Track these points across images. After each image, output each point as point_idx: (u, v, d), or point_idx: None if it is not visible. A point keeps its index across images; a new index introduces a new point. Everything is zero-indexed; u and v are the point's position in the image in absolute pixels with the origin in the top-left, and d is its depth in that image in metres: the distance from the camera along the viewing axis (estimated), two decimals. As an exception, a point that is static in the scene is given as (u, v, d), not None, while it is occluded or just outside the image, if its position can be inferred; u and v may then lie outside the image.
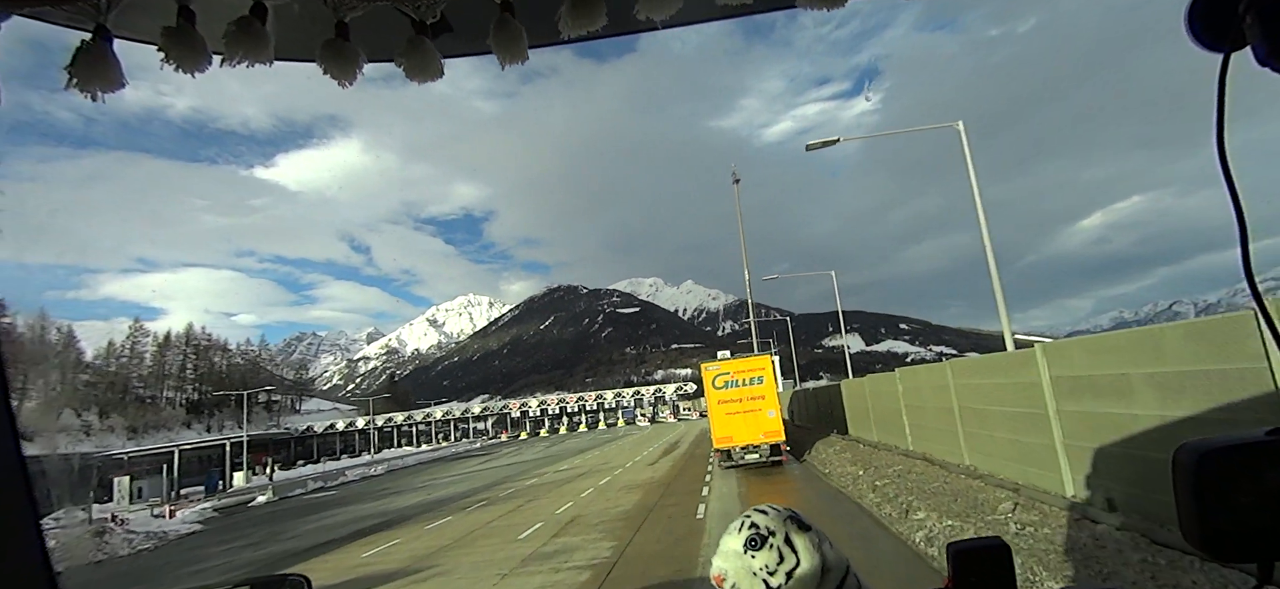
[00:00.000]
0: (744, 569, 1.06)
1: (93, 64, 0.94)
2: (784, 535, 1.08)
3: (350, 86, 1.08)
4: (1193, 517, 0.79)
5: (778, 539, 1.07)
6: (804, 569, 1.05)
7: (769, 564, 1.05)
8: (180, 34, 0.96)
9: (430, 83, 1.11)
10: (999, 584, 1.17)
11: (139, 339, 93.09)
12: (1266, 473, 0.76)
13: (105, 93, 0.96)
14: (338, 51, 1.05)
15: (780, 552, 1.06)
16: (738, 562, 1.07)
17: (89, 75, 0.93)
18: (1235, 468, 0.78)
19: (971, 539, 1.23)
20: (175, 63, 0.97)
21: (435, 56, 1.08)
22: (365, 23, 1.08)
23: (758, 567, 1.05)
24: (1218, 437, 0.80)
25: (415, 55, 1.07)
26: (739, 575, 1.06)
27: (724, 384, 18.30)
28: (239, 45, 0.97)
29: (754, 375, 18.19)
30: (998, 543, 1.19)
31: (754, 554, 1.06)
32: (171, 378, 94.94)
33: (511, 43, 1.06)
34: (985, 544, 1.19)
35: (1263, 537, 0.76)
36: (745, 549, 1.07)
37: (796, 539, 1.07)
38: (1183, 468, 0.80)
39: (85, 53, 0.93)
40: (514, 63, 1.08)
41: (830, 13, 1.12)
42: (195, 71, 0.99)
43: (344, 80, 1.06)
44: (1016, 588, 1.18)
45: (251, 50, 0.98)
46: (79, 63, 0.93)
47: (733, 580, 1.06)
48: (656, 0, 1.01)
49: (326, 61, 1.05)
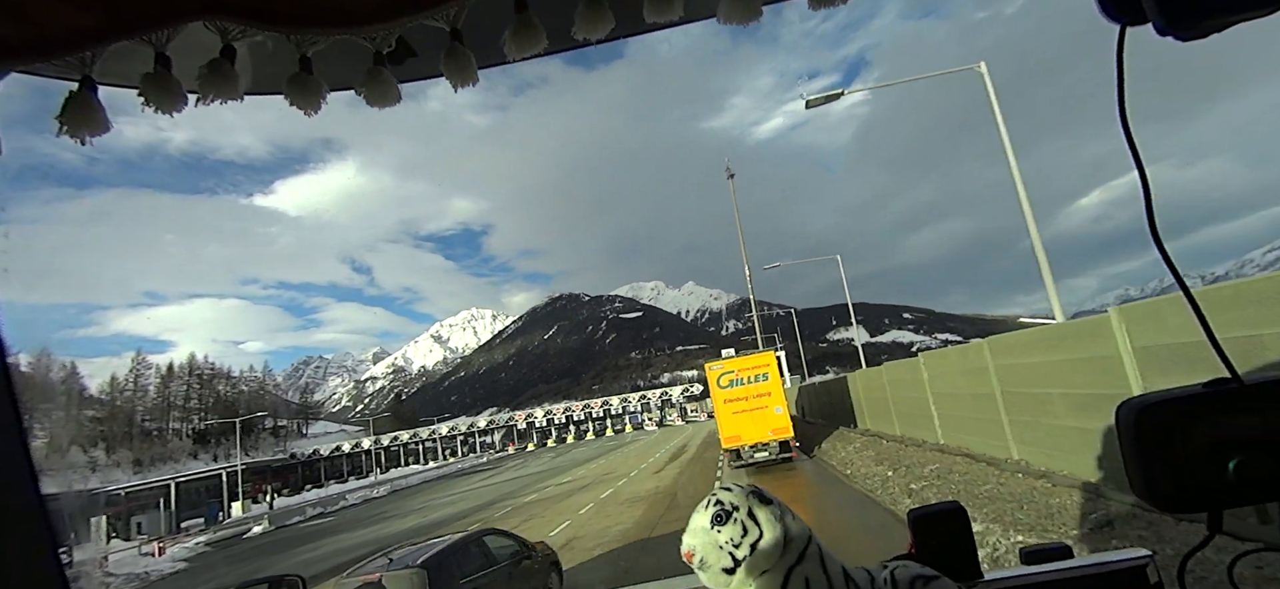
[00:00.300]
0: (711, 543, 1.10)
1: (80, 111, 1.00)
2: (747, 509, 1.11)
3: (314, 115, 1.13)
4: (1138, 472, 0.82)
5: (741, 514, 1.11)
6: (767, 540, 1.09)
7: (733, 537, 1.09)
8: (158, 79, 1.02)
9: (392, 107, 1.16)
10: (958, 544, 1.29)
11: (142, 372, 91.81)
12: (1204, 424, 0.78)
13: (93, 137, 1.01)
14: (302, 84, 1.10)
15: (744, 525, 1.10)
16: (705, 537, 1.11)
17: (78, 122, 0.99)
18: (1174, 421, 0.80)
19: (930, 506, 1.35)
20: (155, 106, 1.03)
21: (393, 84, 1.13)
22: (327, 55, 1.13)
23: (723, 541, 1.09)
24: (1157, 391, 0.83)
25: (375, 84, 1.11)
26: (706, 550, 1.10)
27: (729, 383, 17.97)
28: (211, 85, 1.04)
29: (759, 373, 17.84)
30: (954, 506, 1.32)
31: (719, 529, 1.10)
32: (177, 409, 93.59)
33: (462, 67, 1.11)
34: (943, 509, 1.32)
35: (1206, 488, 0.78)
36: (712, 525, 1.11)
37: (759, 513, 1.11)
38: (1125, 423, 0.83)
39: (73, 101, 1.00)
40: (465, 85, 1.13)
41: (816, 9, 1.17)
42: (173, 112, 1.05)
43: (309, 110, 1.12)
44: (975, 548, 1.30)
45: (222, 89, 1.05)
46: (68, 112, 0.99)
47: (701, 555, 1.10)
48: (592, 22, 1.07)
49: (293, 94, 1.10)
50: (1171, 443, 0.79)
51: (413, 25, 1.08)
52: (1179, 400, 0.81)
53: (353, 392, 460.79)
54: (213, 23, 1.02)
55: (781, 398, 17.71)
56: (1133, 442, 0.81)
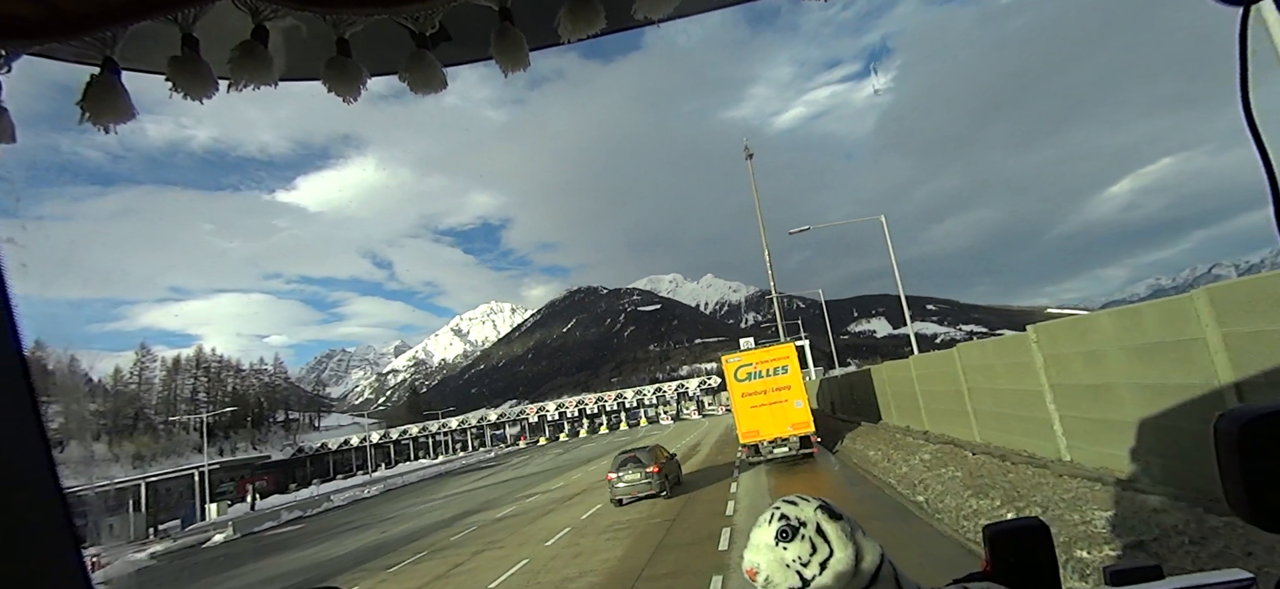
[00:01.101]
0: (777, 561, 1.01)
1: (103, 97, 0.94)
2: (815, 525, 1.02)
3: (355, 102, 1.08)
4: (1238, 486, 0.76)
5: (809, 530, 1.02)
6: (838, 559, 0.99)
7: (802, 555, 1.00)
8: (186, 63, 0.97)
9: (435, 94, 1.11)
10: (1038, 565, 1.14)
11: (147, 364, 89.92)
12: None
13: (117, 124, 0.96)
14: (341, 68, 1.04)
15: (813, 542, 1.01)
16: (770, 555, 1.02)
17: (100, 108, 0.94)
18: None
19: (1009, 520, 1.20)
20: (183, 91, 0.97)
21: (437, 68, 1.08)
22: (366, 37, 1.07)
23: (790, 558, 1.00)
24: (1261, 403, 0.76)
25: (418, 68, 1.06)
26: (772, 568, 1.01)
27: (747, 376, 17.18)
28: (243, 69, 0.98)
29: (778, 365, 17.07)
30: (1037, 523, 1.17)
31: (786, 546, 1.01)
32: (184, 402, 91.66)
33: (512, 49, 1.05)
34: (1023, 525, 1.17)
35: None
36: (777, 541, 1.02)
37: (828, 528, 1.02)
38: (1225, 436, 0.77)
39: (95, 86, 0.94)
40: (516, 69, 1.07)
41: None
42: (203, 98, 0.99)
43: (348, 96, 1.06)
44: (1057, 567, 1.16)
45: (255, 73, 0.99)
46: (90, 97, 0.93)
47: (766, 573, 1.01)
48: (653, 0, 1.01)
49: (330, 79, 1.04)
50: (1277, 458, 0.72)
51: (458, 4, 1.01)
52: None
53: (375, 384, 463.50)
54: (243, 1, 0.96)
55: (802, 391, 16.80)
56: (1234, 455, 0.74)
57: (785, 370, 17.03)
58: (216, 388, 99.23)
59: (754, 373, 17.24)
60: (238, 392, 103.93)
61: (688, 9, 1.10)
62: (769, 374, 17.07)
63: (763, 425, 16.74)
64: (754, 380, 17.11)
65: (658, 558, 9.44)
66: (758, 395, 16.97)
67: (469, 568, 11.63)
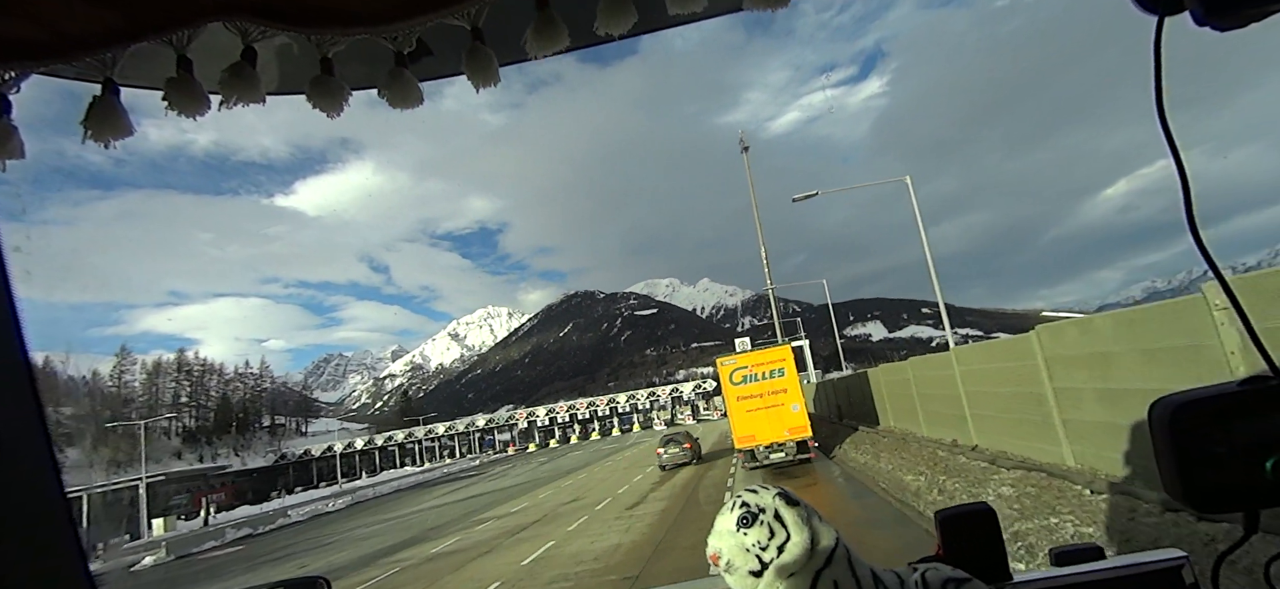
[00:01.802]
0: (737, 546, 1.05)
1: (104, 116, 0.99)
2: (774, 511, 1.07)
3: (338, 117, 1.11)
4: (1172, 471, 0.79)
5: (768, 515, 1.07)
6: (794, 542, 1.04)
7: (761, 540, 1.05)
8: (181, 83, 1.01)
9: (413, 108, 1.14)
10: (987, 547, 1.23)
11: (126, 368, 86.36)
12: (1241, 423, 0.76)
13: (116, 140, 1.00)
14: (324, 86, 1.08)
15: (771, 527, 1.06)
16: (731, 540, 1.07)
17: (101, 126, 0.98)
18: (1211, 419, 0.77)
19: (958, 506, 1.29)
20: (178, 109, 1.01)
21: (414, 85, 1.11)
22: (348, 55, 1.11)
23: (750, 543, 1.05)
24: (1193, 389, 0.80)
25: (396, 84, 1.09)
26: (733, 553, 1.05)
27: (743, 379, 16.73)
28: (233, 88, 1.03)
29: (774, 368, 16.64)
30: (984, 508, 1.25)
31: (746, 531, 1.06)
32: (166, 407, 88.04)
33: (483, 66, 1.08)
34: (971, 509, 1.25)
35: (1243, 487, 0.76)
36: (738, 527, 1.07)
37: (786, 514, 1.07)
38: (1159, 422, 0.80)
39: (97, 106, 0.99)
40: (486, 85, 1.10)
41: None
42: (196, 115, 1.03)
43: (331, 112, 1.10)
44: (1004, 549, 1.24)
45: (244, 92, 1.03)
46: (92, 116, 0.98)
47: (727, 558, 1.06)
48: (614, 18, 1.04)
49: (314, 96, 1.08)
50: (1208, 442, 0.76)
51: (433, 24, 1.05)
52: (1216, 398, 0.77)
53: (372, 389, 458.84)
54: (232, 24, 1.00)
55: (799, 395, 16.36)
56: (1167, 440, 0.78)
57: (782, 373, 16.47)
58: (199, 392, 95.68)
59: (750, 375, 16.66)
60: (223, 396, 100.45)
61: (645, 26, 1.12)
62: (765, 377, 16.52)
63: (758, 430, 16.22)
64: (750, 384, 16.57)
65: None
66: (754, 399, 16.42)
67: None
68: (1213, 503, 0.77)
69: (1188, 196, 0.77)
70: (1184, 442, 0.77)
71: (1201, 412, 0.77)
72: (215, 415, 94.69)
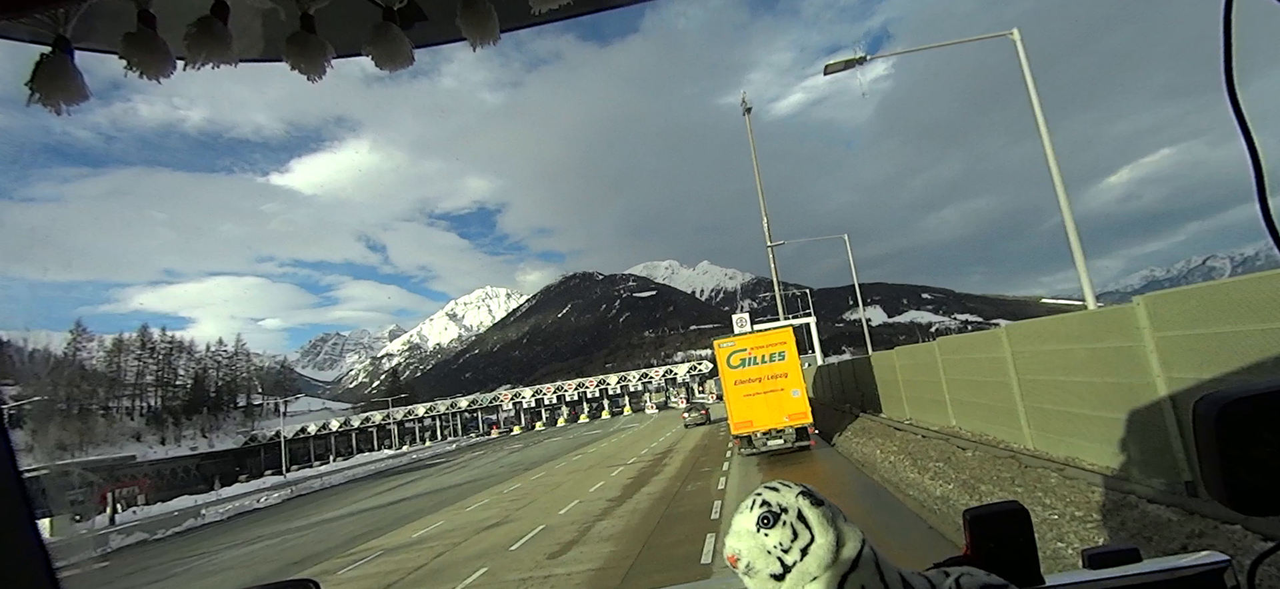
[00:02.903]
0: (758, 548, 0.97)
1: (54, 77, 0.89)
2: (797, 511, 0.99)
3: (319, 80, 1.01)
4: (1216, 470, 0.76)
5: (790, 515, 0.98)
6: (819, 545, 0.97)
7: (783, 541, 0.97)
8: (141, 40, 0.91)
9: (403, 69, 1.05)
10: (1017, 547, 1.13)
11: (82, 345, 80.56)
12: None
13: (69, 106, 0.90)
14: (303, 45, 0.98)
15: (794, 528, 0.98)
16: (751, 541, 0.98)
17: (51, 89, 0.88)
18: (1258, 419, 0.74)
19: (988, 505, 1.20)
20: (139, 69, 0.91)
21: (404, 43, 1.02)
22: (332, 13, 1.02)
23: (772, 545, 0.97)
24: (1238, 386, 0.77)
25: (383, 43, 1.00)
26: (753, 554, 0.98)
27: (741, 362, 15.87)
28: (201, 46, 0.92)
29: (774, 351, 15.75)
30: (1016, 507, 1.16)
31: (767, 532, 0.98)
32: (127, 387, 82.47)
33: (481, 23, 0.99)
34: (1002, 509, 1.16)
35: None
36: (758, 527, 0.99)
37: (810, 515, 0.99)
38: (1203, 420, 0.77)
39: (45, 66, 0.89)
40: (485, 42, 1.01)
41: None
42: (160, 77, 0.94)
43: (313, 74, 1.01)
44: (1036, 551, 1.15)
45: (214, 51, 0.93)
46: (40, 77, 0.88)
47: (747, 560, 0.98)
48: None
49: (293, 56, 0.98)
50: (1256, 441, 0.72)
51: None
52: (1265, 396, 0.74)
53: (370, 368, 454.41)
54: None
55: (800, 379, 15.49)
56: (1212, 439, 0.75)
57: (782, 356, 15.74)
58: (166, 370, 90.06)
59: (749, 359, 15.89)
60: (194, 375, 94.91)
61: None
62: (765, 361, 15.78)
63: (756, 415, 15.57)
64: (748, 367, 15.84)
65: None
66: (752, 383, 15.70)
67: None
68: (1257, 504, 0.73)
69: (1261, 180, 0.72)
70: (1229, 440, 0.73)
71: (1251, 409, 0.73)
72: (183, 396, 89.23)
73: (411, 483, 30.30)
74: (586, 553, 9.47)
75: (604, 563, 8.66)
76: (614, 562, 8.66)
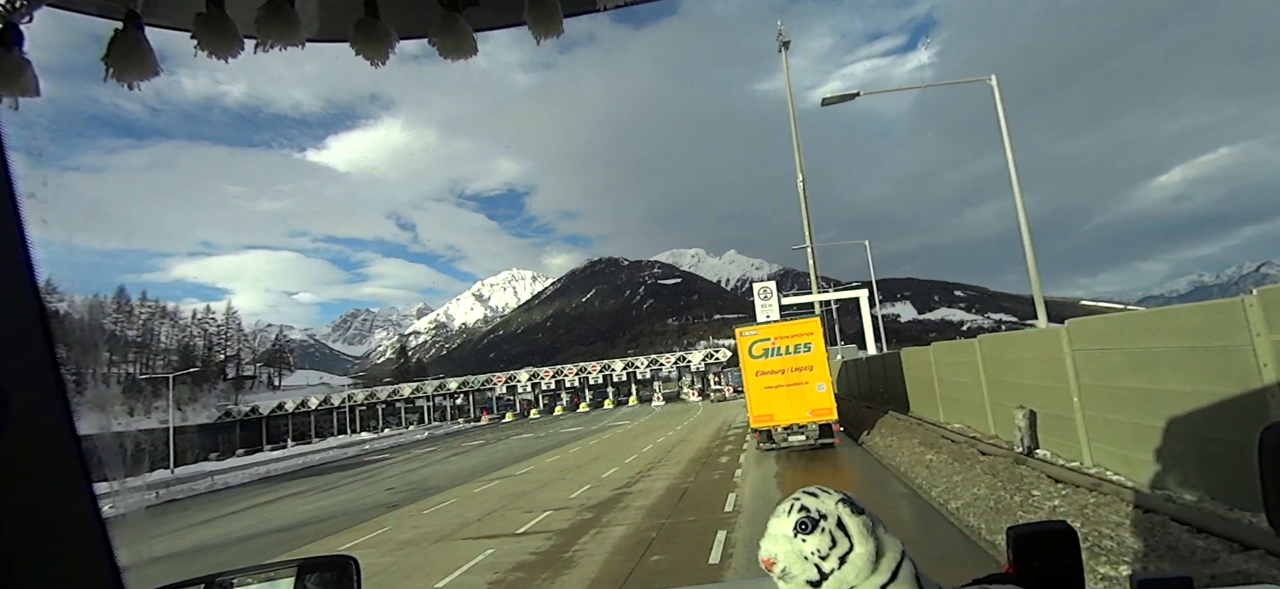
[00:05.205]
0: (794, 553, 0.94)
1: (127, 53, 0.90)
2: (836, 519, 0.95)
3: (382, 66, 1.02)
4: (1276, 499, 0.73)
5: (829, 523, 0.95)
6: (858, 554, 0.93)
7: (821, 548, 0.93)
8: (212, 20, 0.92)
9: (465, 59, 1.03)
10: (1063, 570, 1.08)
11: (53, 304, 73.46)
12: None
13: (140, 81, 0.91)
14: (369, 31, 0.98)
15: (832, 536, 0.94)
16: (788, 546, 0.95)
17: (124, 65, 0.89)
18: None
19: (1034, 523, 1.14)
20: (208, 49, 0.92)
21: (468, 33, 1.00)
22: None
23: (809, 551, 0.93)
24: None
25: (448, 32, 0.99)
26: (789, 560, 0.94)
27: (763, 352, 14.96)
28: (270, 28, 0.92)
29: (800, 342, 14.83)
30: (1063, 526, 1.11)
31: (805, 538, 0.94)
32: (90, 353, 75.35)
33: (547, 14, 0.97)
34: (1048, 528, 1.11)
35: None
36: (795, 533, 0.95)
37: (849, 523, 0.95)
38: (1270, 448, 0.74)
39: (118, 41, 0.90)
40: (549, 35, 0.99)
41: None
42: (228, 56, 0.94)
43: (376, 60, 1.00)
44: (1083, 574, 1.09)
45: (282, 33, 0.93)
46: (113, 52, 0.89)
47: (783, 565, 0.94)
48: None
49: (358, 41, 0.98)
50: None
51: None
52: None
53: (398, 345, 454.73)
54: None
55: (826, 373, 14.64)
56: (1275, 466, 0.72)
57: (808, 348, 14.71)
58: (147, 337, 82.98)
59: (772, 349, 14.84)
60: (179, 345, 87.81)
61: None
62: (789, 351, 14.74)
63: (778, 409, 14.50)
64: (771, 357, 14.81)
65: None
66: (774, 375, 14.69)
67: None
68: None
69: None
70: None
71: None
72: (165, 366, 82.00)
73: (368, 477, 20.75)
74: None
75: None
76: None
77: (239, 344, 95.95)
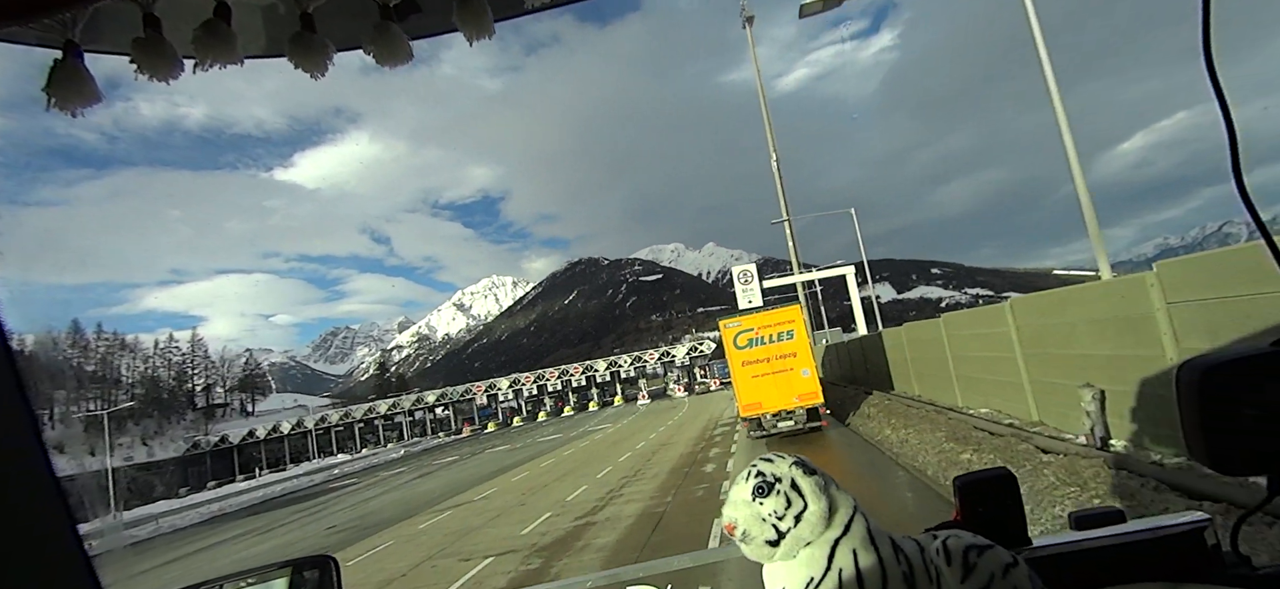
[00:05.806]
0: (753, 516, 0.99)
1: (67, 81, 0.89)
2: (790, 480, 1.01)
3: (322, 78, 1.01)
4: (1197, 433, 0.77)
5: (784, 485, 1.00)
6: (812, 511, 0.98)
7: (777, 509, 0.98)
8: (150, 43, 0.91)
9: (403, 66, 1.03)
10: (1006, 512, 1.15)
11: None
12: (1271, 385, 0.74)
13: (83, 109, 0.90)
14: (306, 44, 0.98)
15: (787, 496, 0.99)
16: (747, 510, 1.00)
17: (65, 93, 0.88)
18: (1240, 382, 0.75)
19: (977, 471, 1.22)
20: (148, 72, 0.91)
21: (403, 40, 1.01)
22: (331, 10, 1.01)
23: (766, 513, 0.99)
24: (1220, 350, 0.78)
25: (383, 40, 0.99)
26: (749, 522, 0.99)
27: (747, 342, 15.11)
28: (208, 48, 0.92)
29: (782, 329, 15.01)
30: (1004, 473, 1.18)
31: (762, 501, 0.99)
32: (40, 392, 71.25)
33: (475, 15, 0.97)
34: (991, 475, 1.18)
35: (1271, 449, 0.74)
36: (753, 497, 1.00)
37: (803, 483, 1.00)
38: (1187, 385, 0.78)
39: (58, 70, 0.88)
40: (480, 37, 0.99)
41: None
42: (168, 79, 0.93)
43: (315, 73, 0.99)
44: (1024, 515, 1.17)
45: (220, 52, 0.93)
46: (54, 82, 0.88)
47: (743, 527, 0.99)
48: None
49: (296, 55, 0.98)
50: (1236, 404, 0.73)
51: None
52: (1246, 359, 0.75)
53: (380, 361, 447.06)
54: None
55: (810, 359, 14.86)
56: (1194, 402, 0.76)
57: (791, 335, 14.90)
58: (107, 372, 78.79)
59: (756, 338, 15.02)
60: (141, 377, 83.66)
61: None
62: (773, 340, 14.94)
63: (765, 397, 14.67)
64: (755, 347, 14.97)
65: None
66: (760, 363, 14.84)
67: None
68: (1238, 465, 0.74)
69: (1234, 144, 0.72)
70: (1211, 404, 0.74)
71: (1230, 373, 0.74)
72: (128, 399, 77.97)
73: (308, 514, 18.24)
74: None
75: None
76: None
77: (207, 371, 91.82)
